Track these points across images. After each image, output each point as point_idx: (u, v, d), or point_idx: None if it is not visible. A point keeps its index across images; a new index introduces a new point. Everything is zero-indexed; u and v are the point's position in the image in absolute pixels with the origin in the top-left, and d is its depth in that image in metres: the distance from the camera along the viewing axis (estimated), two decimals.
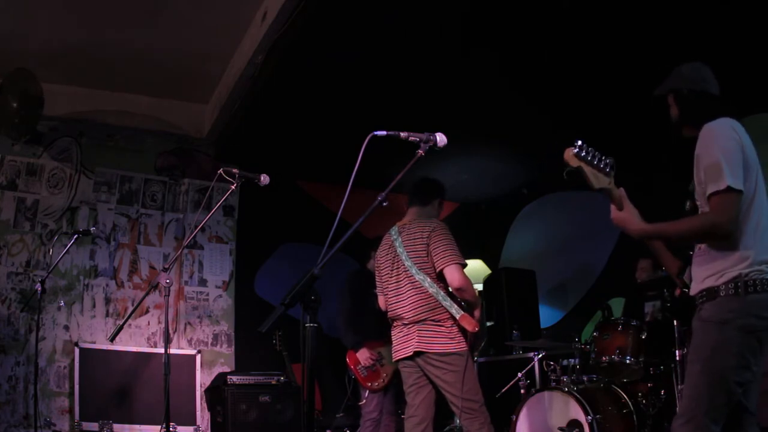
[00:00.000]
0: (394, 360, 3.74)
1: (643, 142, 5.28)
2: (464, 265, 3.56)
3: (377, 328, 4.91)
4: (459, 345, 3.48)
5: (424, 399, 3.58)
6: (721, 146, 2.26)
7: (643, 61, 4.55)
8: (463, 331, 3.50)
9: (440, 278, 3.57)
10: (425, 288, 3.55)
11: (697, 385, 2.21)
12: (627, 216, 2.39)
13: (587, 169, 2.30)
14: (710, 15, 4.05)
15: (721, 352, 2.17)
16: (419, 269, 3.59)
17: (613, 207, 2.42)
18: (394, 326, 3.73)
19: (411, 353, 3.55)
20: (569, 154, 2.28)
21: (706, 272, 2.30)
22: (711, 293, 2.27)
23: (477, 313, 3.54)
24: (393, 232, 3.79)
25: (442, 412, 3.98)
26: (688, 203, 2.45)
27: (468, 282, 3.52)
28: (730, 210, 2.19)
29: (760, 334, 2.18)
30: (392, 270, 3.74)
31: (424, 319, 3.54)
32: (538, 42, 4.40)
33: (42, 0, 4.56)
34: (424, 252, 3.60)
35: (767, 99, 4.92)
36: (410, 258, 3.63)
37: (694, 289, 2.36)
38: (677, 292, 2.58)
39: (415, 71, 4.77)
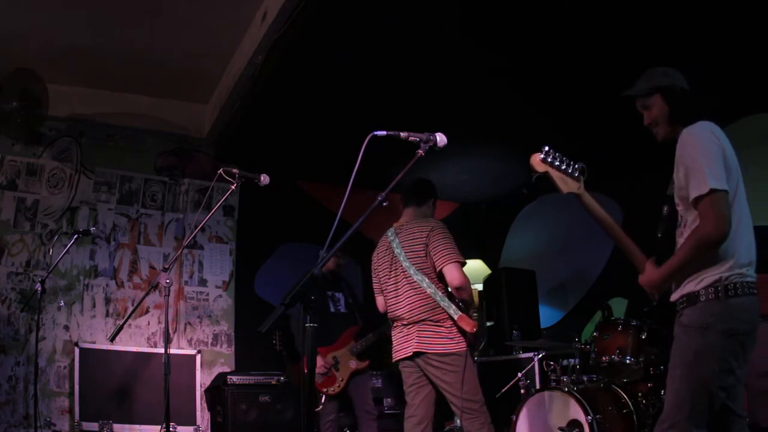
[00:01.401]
0: (394, 360, 3.74)
1: (643, 143, 5.27)
2: (464, 264, 3.57)
3: (330, 332, 4.90)
4: (459, 345, 3.48)
5: (424, 399, 3.58)
6: (701, 149, 2.24)
7: (644, 61, 4.54)
8: (462, 331, 3.49)
9: (439, 278, 3.57)
10: (423, 288, 3.55)
11: (679, 390, 2.19)
12: (648, 274, 2.37)
13: (554, 174, 2.33)
14: (710, 15, 4.05)
15: (703, 357, 2.15)
16: (417, 269, 3.59)
17: (641, 276, 2.40)
18: (394, 327, 3.74)
19: (410, 353, 3.55)
20: (536, 159, 2.32)
21: (687, 277, 2.28)
22: (691, 298, 2.25)
23: (471, 312, 3.54)
24: (390, 234, 3.80)
25: (442, 412, 3.98)
26: (665, 208, 2.42)
27: (468, 281, 3.53)
28: (718, 212, 2.16)
29: (742, 337, 2.17)
30: (390, 271, 3.74)
31: (423, 320, 3.54)
32: (538, 42, 4.40)
33: (42, 0, 4.56)
34: (422, 252, 3.60)
35: (767, 99, 4.92)
36: (408, 258, 3.63)
37: (675, 295, 2.34)
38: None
39: (415, 71, 4.77)
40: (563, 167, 2.34)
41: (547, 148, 2.31)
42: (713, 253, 2.21)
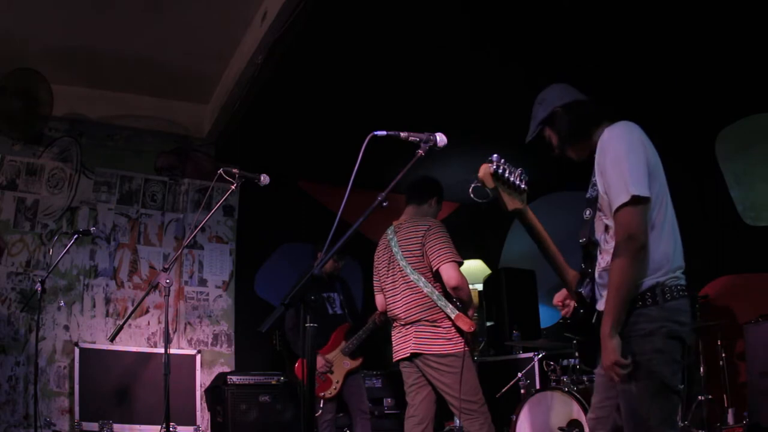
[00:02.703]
0: (394, 360, 3.73)
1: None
2: (460, 263, 3.55)
3: (323, 333, 4.87)
4: (457, 346, 3.46)
5: (424, 399, 3.57)
6: (624, 151, 2.12)
7: (646, 62, 4.55)
8: (460, 331, 3.48)
9: (436, 278, 3.55)
10: (420, 288, 3.53)
11: (642, 403, 2.06)
12: (604, 348, 2.08)
13: (503, 191, 2.16)
14: (712, 15, 4.05)
15: (655, 364, 2.06)
16: (414, 269, 3.58)
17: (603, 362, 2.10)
18: (394, 327, 3.73)
19: (408, 354, 3.55)
20: (486, 173, 2.12)
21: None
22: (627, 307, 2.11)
23: (471, 312, 3.53)
24: (389, 232, 3.79)
25: (442, 412, 3.97)
26: (587, 211, 2.33)
27: (464, 280, 3.51)
28: (633, 224, 2.04)
29: (683, 336, 2.10)
30: (388, 270, 3.73)
31: (420, 320, 3.53)
32: (538, 41, 4.40)
33: (42, 0, 4.56)
34: (419, 251, 3.59)
35: (767, 99, 4.92)
36: (405, 258, 3.62)
37: (602, 305, 2.19)
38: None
39: (416, 71, 4.76)
40: (512, 179, 2.16)
41: (496, 156, 2.13)
42: (641, 264, 2.07)
